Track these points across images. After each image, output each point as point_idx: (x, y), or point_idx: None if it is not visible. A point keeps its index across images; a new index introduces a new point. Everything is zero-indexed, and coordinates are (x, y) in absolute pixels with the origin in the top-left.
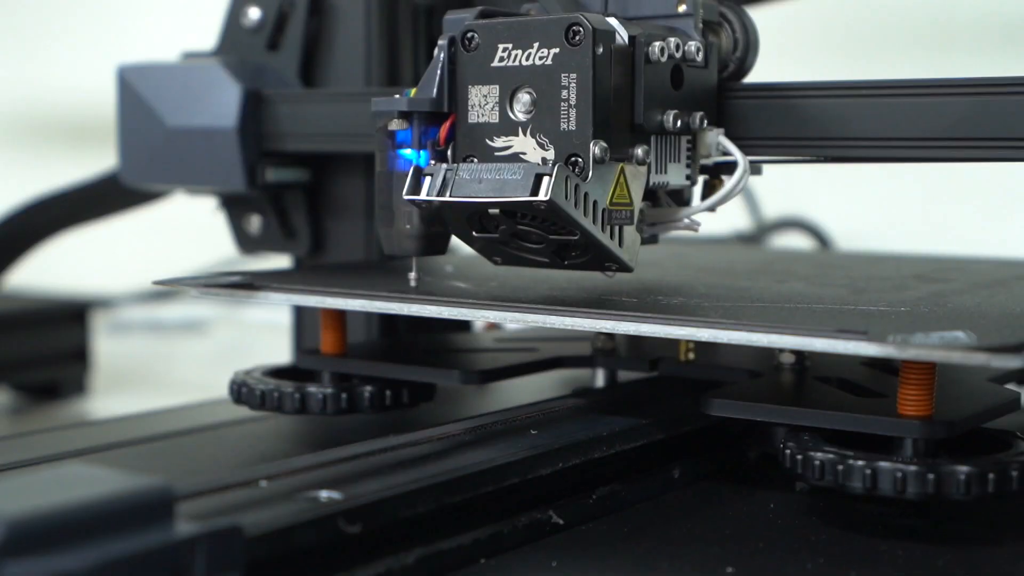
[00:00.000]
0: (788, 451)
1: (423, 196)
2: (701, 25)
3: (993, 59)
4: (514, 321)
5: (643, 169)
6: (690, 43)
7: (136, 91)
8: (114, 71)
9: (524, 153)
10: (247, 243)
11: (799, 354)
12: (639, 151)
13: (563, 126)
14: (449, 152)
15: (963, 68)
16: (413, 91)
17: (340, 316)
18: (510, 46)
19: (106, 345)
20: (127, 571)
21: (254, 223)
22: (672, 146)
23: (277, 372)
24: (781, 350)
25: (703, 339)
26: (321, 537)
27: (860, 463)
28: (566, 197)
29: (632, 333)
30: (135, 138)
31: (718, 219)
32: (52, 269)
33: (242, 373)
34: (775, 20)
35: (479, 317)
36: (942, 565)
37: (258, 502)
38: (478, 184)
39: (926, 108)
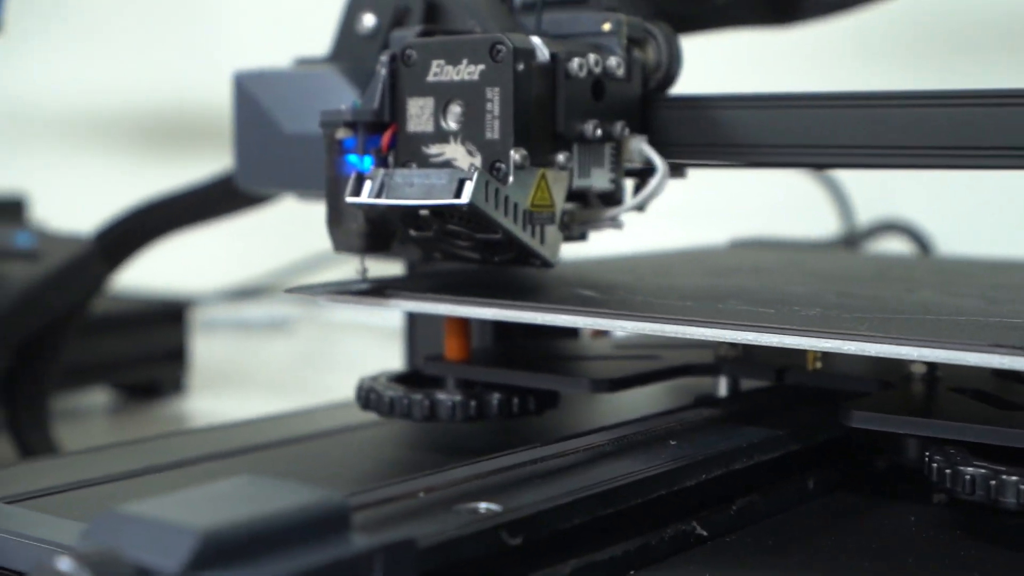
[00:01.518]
0: (935, 464)
1: (362, 199)
2: (625, 42)
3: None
4: (658, 332)
5: (564, 174)
6: (611, 58)
7: (253, 97)
8: (207, 74)
9: (455, 159)
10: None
11: (931, 364)
12: (560, 157)
13: (488, 135)
14: (391, 158)
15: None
16: (360, 102)
17: (465, 323)
18: (443, 62)
19: (194, 344)
20: None
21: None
22: (595, 153)
23: (397, 378)
24: (912, 360)
25: (849, 351)
26: (486, 549)
27: (1014, 478)
28: (486, 199)
29: (777, 346)
30: (251, 143)
31: (810, 223)
32: (137, 269)
33: (368, 379)
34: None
35: (617, 327)
36: None
37: (421, 514)
38: (409, 187)
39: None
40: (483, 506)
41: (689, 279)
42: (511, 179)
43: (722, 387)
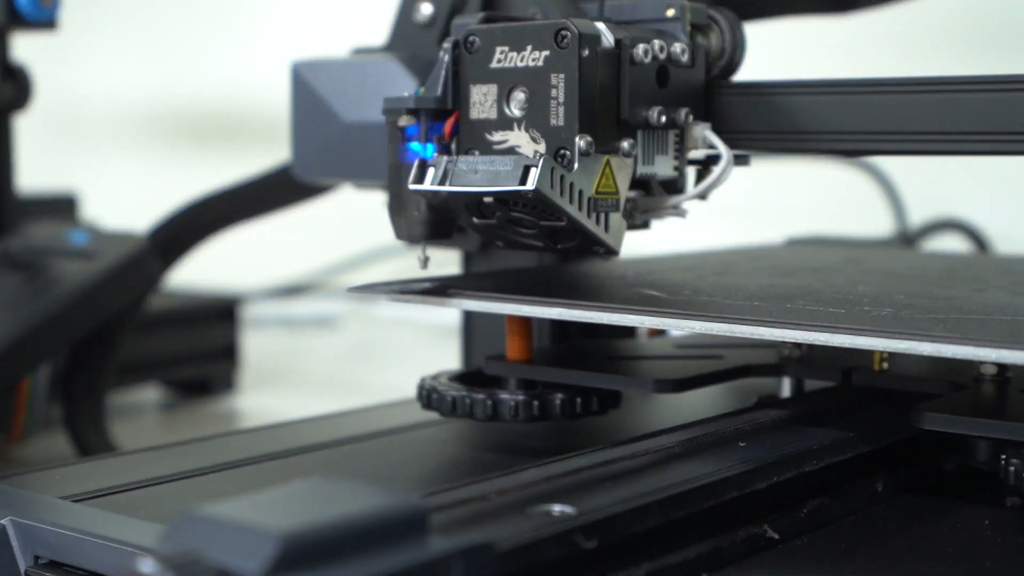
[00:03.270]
0: (1012, 468)
1: (426, 186)
2: (689, 28)
3: None
4: (729, 332)
5: (629, 161)
6: (675, 44)
7: (311, 86)
8: (252, 71)
9: (519, 146)
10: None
11: (1001, 366)
12: (625, 144)
13: (552, 121)
14: (453, 145)
15: None
16: (422, 89)
17: (527, 323)
18: (507, 48)
19: (243, 341)
20: None
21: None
22: (659, 139)
23: (458, 377)
24: (982, 362)
25: (925, 353)
26: (562, 552)
27: None
28: (551, 186)
29: (850, 346)
30: (309, 133)
31: (860, 221)
32: (183, 266)
33: (429, 379)
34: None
35: (688, 328)
36: None
37: (496, 516)
38: (474, 175)
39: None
40: (556, 508)
41: (752, 278)
42: (576, 166)
43: (786, 388)
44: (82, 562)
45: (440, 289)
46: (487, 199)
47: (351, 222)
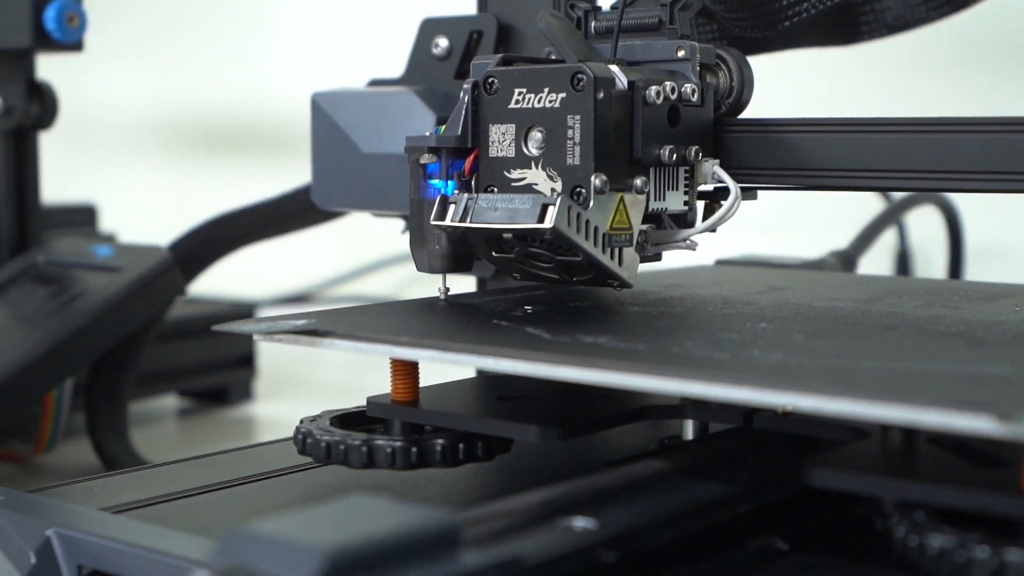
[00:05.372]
0: (900, 530)
1: (447, 222)
2: (698, 68)
3: None
4: (599, 381)
5: (642, 197)
6: (686, 85)
7: (330, 117)
8: (265, 84)
9: (536, 184)
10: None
11: None
12: (638, 182)
13: (569, 161)
14: (473, 182)
15: None
16: (443, 128)
17: (411, 363)
18: (524, 90)
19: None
20: None
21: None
22: (670, 176)
23: (341, 418)
24: None
25: (804, 409)
26: (585, 566)
27: (985, 555)
28: (568, 224)
29: (723, 399)
30: (328, 162)
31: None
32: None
33: (308, 420)
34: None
35: (556, 376)
36: None
37: (522, 531)
38: (493, 212)
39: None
40: (579, 523)
41: (656, 309)
42: (592, 204)
43: (688, 430)
44: (124, 572)
45: (312, 330)
46: (506, 235)
47: (360, 231)
